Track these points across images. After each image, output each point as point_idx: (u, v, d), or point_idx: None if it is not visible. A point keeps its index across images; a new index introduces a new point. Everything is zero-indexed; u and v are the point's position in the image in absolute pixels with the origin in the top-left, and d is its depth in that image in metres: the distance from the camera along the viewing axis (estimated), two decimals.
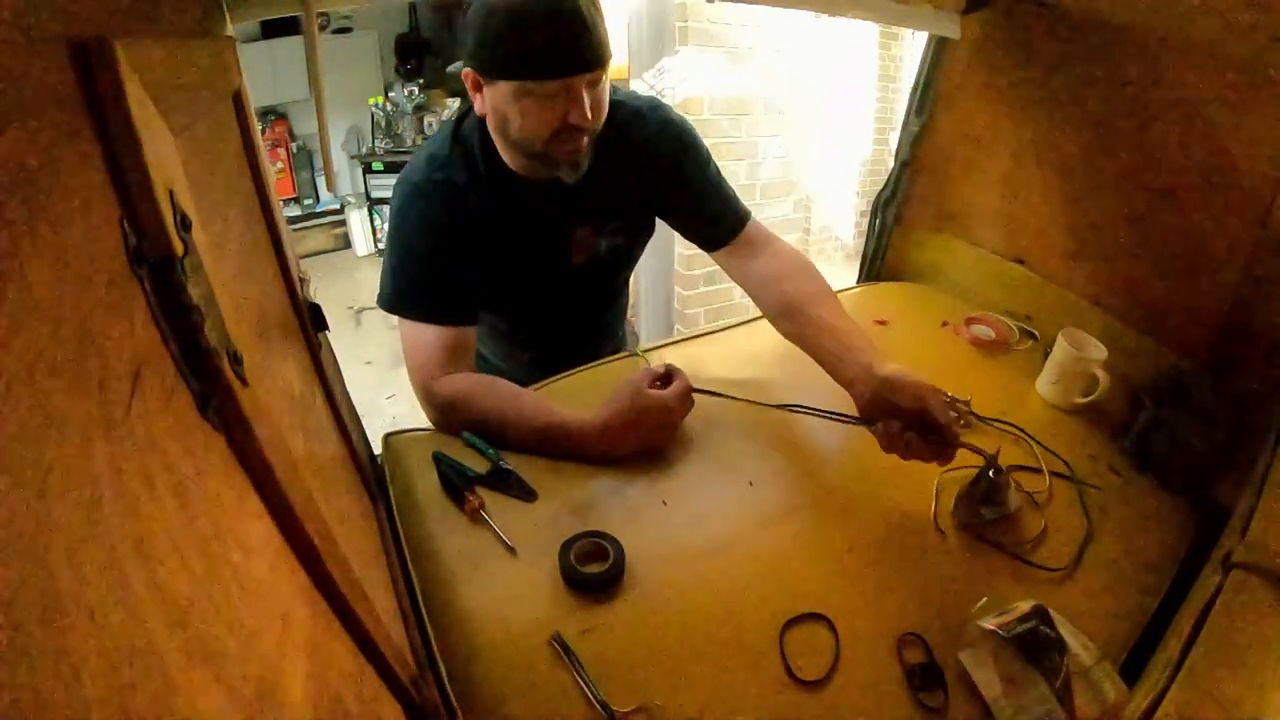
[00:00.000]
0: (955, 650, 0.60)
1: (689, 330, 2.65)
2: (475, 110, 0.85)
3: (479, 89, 0.82)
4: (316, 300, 0.74)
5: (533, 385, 0.95)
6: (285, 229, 0.68)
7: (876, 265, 1.38)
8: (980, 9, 1.07)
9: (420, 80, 4.57)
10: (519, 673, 0.58)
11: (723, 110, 2.53)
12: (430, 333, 0.88)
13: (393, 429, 0.87)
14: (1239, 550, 0.59)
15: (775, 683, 0.58)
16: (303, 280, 0.70)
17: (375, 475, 0.81)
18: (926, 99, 1.23)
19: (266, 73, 3.87)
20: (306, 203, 4.70)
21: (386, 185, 4.34)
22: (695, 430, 0.87)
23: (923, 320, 1.16)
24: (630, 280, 1.21)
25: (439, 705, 0.52)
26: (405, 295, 0.90)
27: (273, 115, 4.31)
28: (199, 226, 0.32)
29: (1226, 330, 0.88)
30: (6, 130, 0.20)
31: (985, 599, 0.63)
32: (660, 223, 1.06)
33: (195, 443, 0.29)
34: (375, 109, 4.42)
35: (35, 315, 0.20)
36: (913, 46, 4.04)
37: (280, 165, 4.43)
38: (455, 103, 4.49)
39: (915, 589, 0.67)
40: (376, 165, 4.40)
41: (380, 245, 4.60)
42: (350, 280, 4.34)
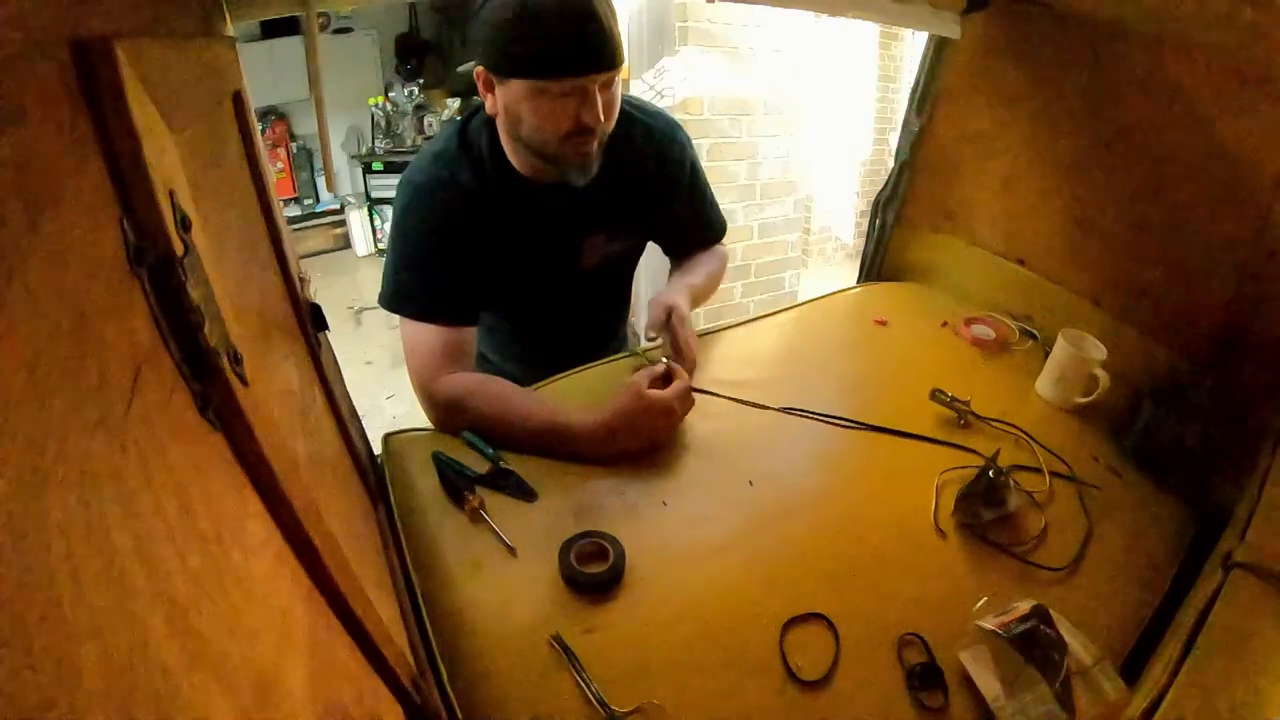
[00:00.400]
0: (955, 650, 0.60)
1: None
2: (486, 109, 0.85)
3: (491, 88, 0.82)
4: (316, 300, 0.74)
5: (533, 385, 0.95)
6: (285, 229, 0.68)
7: (876, 265, 1.38)
8: (980, 9, 1.07)
9: (420, 80, 4.57)
10: (519, 673, 0.58)
11: (723, 110, 2.53)
12: (431, 332, 0.88)
13: (393, 429, 0.87)
14: (1239, 550, 0.59)
15: (775, 683, 0.58)
16: (303, 280, 0.70)
17: (375, 475, 0.81)
18: (926, 99, 1.23)
19: (266, 73, 3.86)
20: (306, 203, 4.69)
21: (386, 185, 4.35)
22: (695, 430, 0.87)
23: (923, 320, 1.16)
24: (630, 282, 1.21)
25: (439, 705, 0.52)
26: (407, 294, 0.90)
27: (273, 115, 4.30)
28: (199, 226, 0.32)
29: (1226, 330, 0.88)
30: (6, 130, 0.20)
31: (985, 599, 0.63)
32: None
33: (195, 443, 0.29)
34: (375, 109, 4.42)
35: (35, 315, 0.20)
36: (913, 46, 4.04)
37: (280, 165, 4.43)
38: (455, 103, 4.48)
39: (915, 589, 0.67)
40: (376, 165, 4.40)
41: (380, 245, 4.59)
42: (350, 280, 4.34)
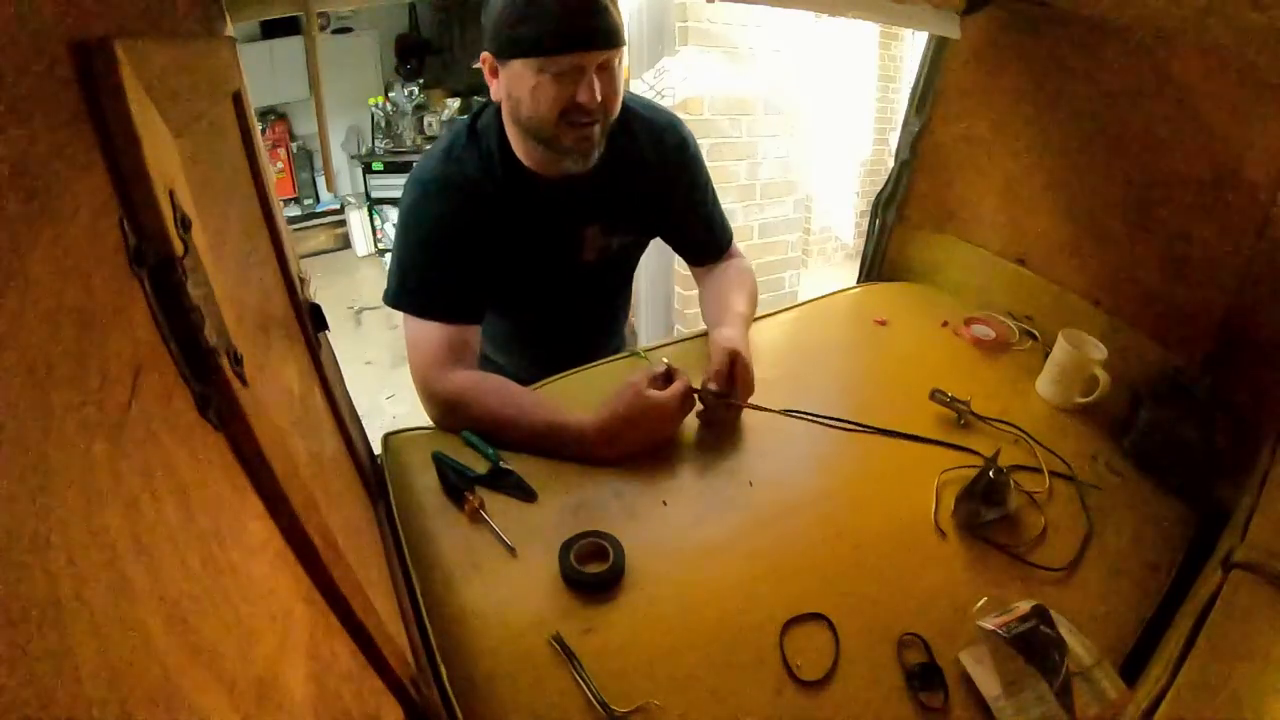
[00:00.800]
0: (955, 650, 0.60)
1: (689, 330, 2.66)
2: (491, 96, 0.86)
3: (495, 74, 0.83)
4: (316, 300, 0.74)
5: (533, 384, 0.95)
6: (285, 229, 0.68)
7: (876, 265, 1.38)
8: (980, 9, 1.07)
9: (420, 80, 4.57)
10: (519, 673, 0.58)
11: (723, 110, 2.53)
12: (434, 330, 0.88)
13: (393, 429, 0.87)
14: (1239, 550, 0.59)
15: (775, 683, 0.58)
16: (303, 280, 0.70)
17: (375, 475, 0.81)
18: (926, 99, 1.23)
19: (266, 73, 3.87)
20: (306, 203, 4.69)
21: (386, 185, 4.35)
22: (695, 430, 0.87)
23: (923, 320, 1.16)
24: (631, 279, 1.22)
25: (439, 705, 0.52)
26: (412, 291, 0.90)
27: (273, 115, 4.30)
28: (199, 227, 0.32)
29: (1226, 330, 0.88)
30: (6, 130, 0.20)
31: (985, 599, 0.63)
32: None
33: (195, 443, 0.29)
34: (375, 109, 4.41)
35: (35, 315, 0.20)
36: (913, 46, 4.04)
37: (280, 165, 4.43)
38: (455, 103, 4.48)
39: (915, 589, 0.67)
40: (376, 165, 4.40)
41: (380, 245, 4.59)
42: (350, 280, 4.34)
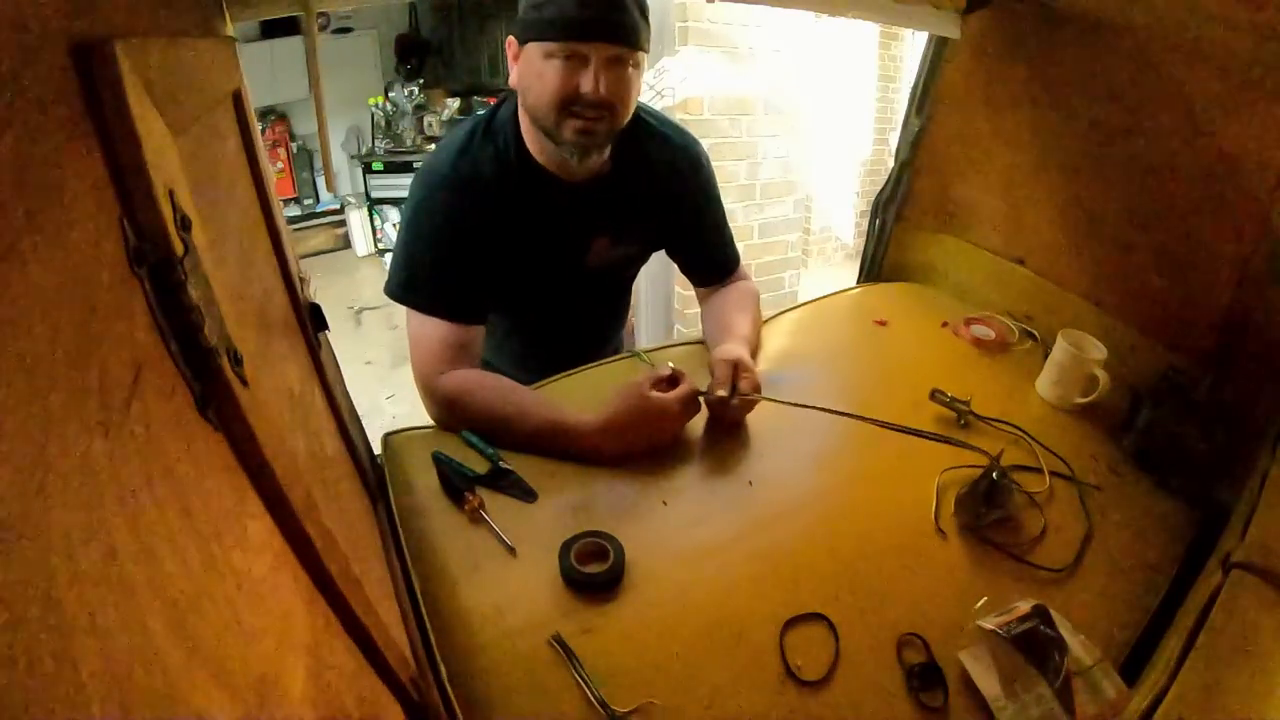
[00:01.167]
0: (955, 650, 0.60)
1: (689, 331, 2.66)
2: (510, 83, 0.87)
3: (516, 59, 0.84)
4: (316, 300, 0.74)
5: (532, 385, 0.95)
6: (285, 229, 0.68)
7: (876, 265, 1.38)
8: (980, 9, 1.07)
9: (420, 80, 4.57)
10: (519, 672, 0.58)
11: (723, 110, 2.53)
12: (438, 328, 0.88)
13: (393, 429, 0.87)
14: (1239, 550, 0.59)
15: (775, 683, 0.58)
16: (303, 280, 0.70)
17: (375, 475, 0.81)
18: (926, 99, 1.23)
19: (266, 73, 3.86)
20: (306, 203, 4.69)
21: (386, 185, 4.35)
22: (695, 430, 0.87)
23: (923, 320, 1.16)
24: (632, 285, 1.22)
25: (439, 705, 0.52)
26: (416, 285, 0.90)
27: (273, 115, 4.30)
28: (199, 226, 0.32)
29: (1226, 330, 0.88)
30: (6, 130, 0.20)
31: (985, 599, 0.63)
32: None
33: (195, 443, 0.29)
34: (375, 109, 4.42)
35: (36, 315, 0.20)
36: (913, 46, 4.04)
37: (280, 165, 4.43)
38: (455, 103, 4.48)
39: (915, 589, 0.67)
40: (376, 165, 4.40)
41: (380, 245, 4.59)
42: (350, 280, 4.34)
